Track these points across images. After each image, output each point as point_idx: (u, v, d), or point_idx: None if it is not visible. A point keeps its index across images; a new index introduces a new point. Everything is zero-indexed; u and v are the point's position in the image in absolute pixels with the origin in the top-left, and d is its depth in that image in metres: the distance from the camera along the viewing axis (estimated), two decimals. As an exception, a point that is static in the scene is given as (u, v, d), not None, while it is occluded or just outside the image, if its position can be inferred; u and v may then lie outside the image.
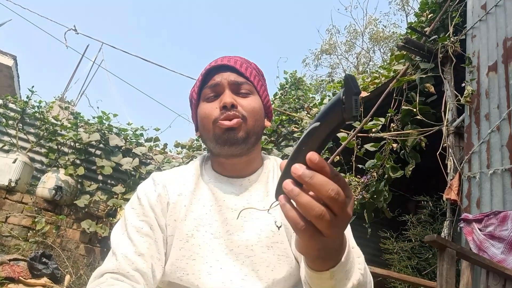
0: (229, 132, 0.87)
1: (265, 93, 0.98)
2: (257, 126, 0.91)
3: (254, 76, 0.94)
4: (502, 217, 2.43)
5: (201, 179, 0.95)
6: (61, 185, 4.77)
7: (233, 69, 0.92)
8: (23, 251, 4.26)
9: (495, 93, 2.91)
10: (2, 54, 7.91)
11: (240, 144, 0.88)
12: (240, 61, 0.94)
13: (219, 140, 0.88)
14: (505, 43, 2.97)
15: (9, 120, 5.01)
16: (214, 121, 0.88)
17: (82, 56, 7.95)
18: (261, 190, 0.93)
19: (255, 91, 0.94)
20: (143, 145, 5.73)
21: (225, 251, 0.85)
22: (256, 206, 0.88)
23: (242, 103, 0.89)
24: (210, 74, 0.93)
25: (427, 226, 3.76)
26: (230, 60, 0.93)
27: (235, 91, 0.91)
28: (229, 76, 0.91)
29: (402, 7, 14.88)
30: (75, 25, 5.97)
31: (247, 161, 0.94)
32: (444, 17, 3.61)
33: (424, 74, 3.43)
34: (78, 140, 5.16)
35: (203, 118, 0.91)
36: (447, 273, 1.99)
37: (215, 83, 0.90)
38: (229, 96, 0.88)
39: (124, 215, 0.90)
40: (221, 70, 0.92)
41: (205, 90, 0.92)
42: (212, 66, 0.92)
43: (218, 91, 0.91)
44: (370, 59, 15.44)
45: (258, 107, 0.92)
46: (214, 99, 0.91)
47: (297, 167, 0.46)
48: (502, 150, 2.70)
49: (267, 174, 0.96)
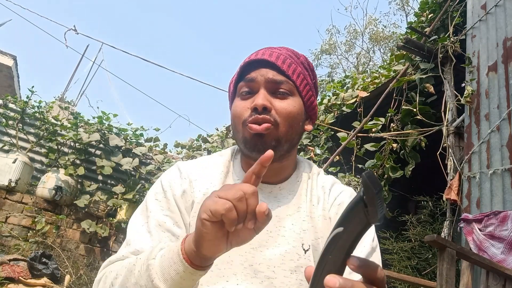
0: (257, 138, 0.79)
1: (309, 93, 0.87)
2: (291, 133, 0.82)
3: (297, 74, 0.84)
4: (502, 217, 2.43)
5: (229, 178, 0.87)
6: (61, 185, 4.77)
7: (273, 66, 0.82)
8: (23, 251, 4.26)
9: (495, 93, 2.91)
10: (2, 54, 7.91)
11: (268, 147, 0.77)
12: (284, 56, 0.84)
13: (247, 145, 0.80)
14: (505, 43, 2.97)
15: (9, 120, 5.01)
16: (243, 123, 0.81)
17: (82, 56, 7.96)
18: (292, 202, 0.85)
19: (295, 92, 0.84)
20: (143, 145, 5.73)
21: (244, 265, 0.78)
22: (285, 220, 0.82)
23: (277, 106, 0.80)
24: (248, 68, 0.84)
25: (427, 226, 3.76)
26: (272, 54, 0.83)
27: (271, 90, 0.82)
28: (267, 73, 0.81)
29: (402, 7, 14.89)
30: (75, 25, 5.99)
31: (279, 168, 0.86)
32: (444, 17, 3.61)
33: (424, 74, 3.44)
34: (78, 140, 5.16)
35: (234, 116, 0.84)
36: (447, 273, 1.99)
37: (250, 78, 0.82)
38: (263, 97, 0.79)
39: (146, 205, 0.83)
40: (260, 65, 0.83)
41: (240, 84, 0.84)
42: (252, 60, 0.83)
43: (253, 88, 0.82)
44: (370, 59, 15.45)
45: (295, 111, 0.82)
46: (248, 96, 0.83)
47: (332, 279, 0.42)
48: (502, 150, 2.70)
49: (300, 184, 0.88)
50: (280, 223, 0.81)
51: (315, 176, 0.90)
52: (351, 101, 4.35)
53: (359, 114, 4.08)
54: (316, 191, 0.87)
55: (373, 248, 0.81)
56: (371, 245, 0.81)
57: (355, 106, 4.28)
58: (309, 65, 0.90)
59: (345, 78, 5.65)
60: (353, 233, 0.42)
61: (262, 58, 0.82)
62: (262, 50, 0.85)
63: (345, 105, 4.42)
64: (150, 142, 5.88)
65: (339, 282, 0.42)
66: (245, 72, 0.84)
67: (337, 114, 4.48)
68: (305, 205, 0.84)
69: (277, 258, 0.79)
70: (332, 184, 0.90)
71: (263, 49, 0.86)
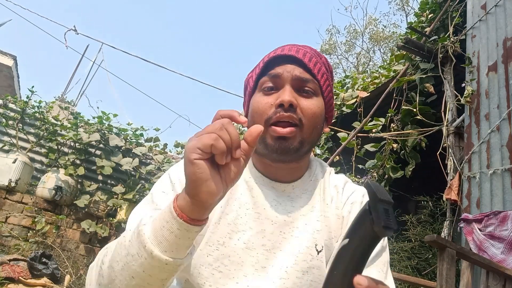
0: (281, 141, 0.76)
1: (330, 94, 0.85)
2: (314, 134, 0.80)
3: (322, 74, 0.81)
4: (502, 217, 2.43)
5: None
6: (61, 185, 4.77)
7: (300, 63, 0.79)
8: (23, 251, 4.26)
9: (495, 93, 2.91)
10: (2, 54, 7.90)
11: (292, 154, 0.77)
12: (310, 54, 0.81)
13: (268, 146, 0.77)
14: (505, 43, 2.97)
15: (9, 120, 5.01)
16: (266, 121, 0.76)
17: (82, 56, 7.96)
18: (306, 202, 0.83)
19: (319, 92, 0.81)
20: (143, 145, 5.73)
21: (255, 267, 0.76)
22: (299, 220, 0.80)
23: (302, 105, 0.77)
24: (272, 63, 0.80)
25: (427, 226, 3.76)
26: (299, 51, 0.80)
27: (297, 88, 0.78)
28: (294, 70, 0.78)
29: (402, 7, 14.89)
30: (75, 25, 5.99)
31: (295, 167, 0.83)
32: (444, 17, 3.61)
33: (424, 74, 3.44)
34: (78, 140, 5.16)
35: (255, 112, 0.79)
36: (447, 273, 1.99)
37: (276, 73, 0.78)
38: (289, 93, 0.76)
39: (151, 198, 0.78)
40: (287, 61, 0.79)
41: (264, 79, 0.80)
42: (277, 55, 0.80)
43: (277, 84, 0.78)
44: (370, 59, 15.45)
45: (319, 112, 0.80)
46: (271, 92, 0.79)
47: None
48: (502, 150, 2.70)
49: (314, 183, 0.86)
50: (294, 224, 0.80)
51: (327, 175, 0.88)
52: (351, 101, 4.35)
53: (359, 114, 4.08)
54: (329, 190, 0.85)
55: (383, 247, 0.79)
56: (380, 244, 0.78)
57: (355, 106, 4.28)
58: (329, 66, 0.87)
59: (345, 78, 5.65)
60: (360, 246, 0.39)
61: (289, 54, 0.79)
62: (288, 46, 0.82)
63: (345, 105, 4.42)
64: (150, 142, 5.88)
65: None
66: (270, 67, 0.80)
67: (337, 114, 4.48)
68: (318, 204, 0.83)
69: (290, 260, 0.77)
70: (344, 183, 0.88)
71: (289, 45, 0.83)
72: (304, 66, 0.79)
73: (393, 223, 0.36)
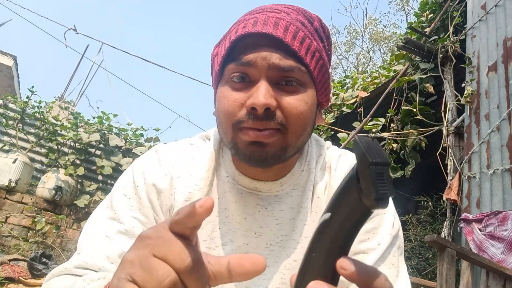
0: (255, 147, 0.58)
1: (325, 76, 0.63)
2: (303, 136, 0.61)
3: (312, 52, 0.59)
4: (502, 217, 2.43)
5: (219, 176, 0.68)
6: (61, 185, 4.77)
7: (280, 43, 0.57)
8: (23, 251, 4.26)
9: (495, 93, 2.91)
10: (2, 54, 7.91)
11: (270, 162, 0.59)
12: (295, 26, 0.58)
13: (240, 153, 0.59)
14: (505, 43, 2.97)
15: (9, 120, 5.01)
16: (235, 124, 0.58)
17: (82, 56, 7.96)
18: (296, 201, 0.67)
19: (308, 80, 0.60)
20: (143, 145, 5.73)
21: (239, 287, 0.64)
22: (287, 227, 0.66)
23: (284, 104, 0.57)
24: (242, 42, 0.58)
25: (427, 226, 3.76)
26: (278, 24, 0.57)
27: (276, 80, 0.58)
28: (271, 57, 0.56)
29: (402, 7, 14.90)
30: (75, 25, 5.98)
31: (280, 168, 0.65)
32: (444, 17, 3.61)
33: (424, 74, 3.44)
34: (78, 140, 5.17)
35: (220, 111, 0.60)
36: (447, 273, 1.99)
37: (246, 61, 0.57)
38: (265, 92, 0.55)
39: (111, 200, 0.64)
40: (261, 41, 0.57)
41: (231, 66, 0.59)
42: (247, 32, 0.57)
43: (250, 75, 0.58)
44: (370, 59, 15.46)
45: (308, 109, 0.59)
46: (241, 86, 0.59)
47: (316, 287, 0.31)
48: (502, 150, 2.70)
49: (306, 173, 0.68)
50: (281, 231, 0.66)
51: (321, 158, 0.70)
52: (351, 101, 4.35)
53: (359, 114, 4.08)
54: (324, 177, 0.69)
55: (395, 236, 0.65)
56: (390, 234, 0.64)
57: (355, 106, 4.28)
58: (325, 31, 0.65)
59: (345, 78, 5.65)
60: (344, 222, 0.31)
61: (263, 32, 0.56)
62: (263, 16, 0.58)
63: (345, 105, 4.42)
64: (150, 142, 5.88)
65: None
66: (239, 49, 0.58)
67: (337, 114, 4.48)
68: (308, 202, 0.66)
69: (276, 278, 0.64)
70: (337, 160, 0.70)
71: (265, 11, 0.60)
72: (286, 47, 0.57)
73: (388, 190, 0.28)
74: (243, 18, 0.61)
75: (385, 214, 0.66)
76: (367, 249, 0.62)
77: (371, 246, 0.62)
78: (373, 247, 0.62)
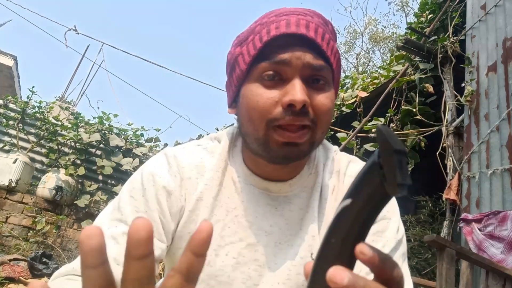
0: (289, 147, 0.60)
1: (339, 71, 0.67)
2: (326, 131, 0.65)
3: (335, 54, 0.63)
4: (502, 217, 2.44)
5: (227, 177, 0.70)
6: (62, 185, 4.78)
7: (312, 44, 0.60)
8: (24, 251, 4.27)
9: (495, 93, 2.92)
10: (2, 54, 7.91)
11: (301, 159, 0.64)
12: (322, 29, 0.61)
13: (271, 152, 0.61)
14: (504, 43, 2.98)
15: (10, 120, 5.02)
16: (269, 122, 0.60)
17: (83, 56, 7.96)
18: (304, 202, 0.70)
19: (331, 79, 0.64)
20: (143, 145, 5.74)
21: (247, 284, 0.66)
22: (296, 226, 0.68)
23: (315, 101, 0.60)
24: (275, 42, 0.60)
25: (427, 226, 3.77)
26: (309, 26, 0.60)
27: (307, 78, 0.61)
28: (305, 56, 0.59)
29: (401, 7, 14.90)
30: (75, 25, 5.99)
31: (296, 165, 0.68)
32: (444, 17, 3.61)
33: (423, 74, 3.44)
34: (78, 140, 5.17)
35: (253, 109, 0.61)
36: (447, 273, 2.00)
37: (282, 60, 0.59)
38: (301, 89, 0.58)
39: (118, 201, 0.66)
40: (295, 41, 0.60)
41: (263, 65, 0.60)
42: (283, 33, 0.59)
43: (282, 73, 0.60)
44: (370, 59, 15.46)
45: (332, 106, 0.63)
46: (273, 84, 0.60)
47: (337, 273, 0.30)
48: (502, 150, 2.70)
49: (314, 176, 0.71)
50: (290, 231, 0.68)
51: (329, 162, 0.73)
52: (351, 101, 4.36)
53: (358, 114, 4.08)
54: (332, 180, 0.71)
55: (399, 241, 0.67)
56: (395, 238, 0.66)
57: (354, 106, 4.29)
58: (334, 32, 0.68)
59: (345, 78, 5.66)
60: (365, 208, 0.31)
61: (298, 33, 0.59)
62: (294, 18, 0.60)
63: (344, 105, 4.42)
64: (151, 142, 5.89)
65: (347, 277, 0.30)
66: (271, 49, 0.60)
67: (337, 114, 4.49)
68: (316, 202, 0.69)
69: (283, 274, 0.66)
70: (347, 165, 0.73)
71: (294, 15, 0.62)
72: (317, 48, 0.60)
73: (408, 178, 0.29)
74: (271, 20, 0.62)
75: (391, 219, 0.69)
76: None
77: None
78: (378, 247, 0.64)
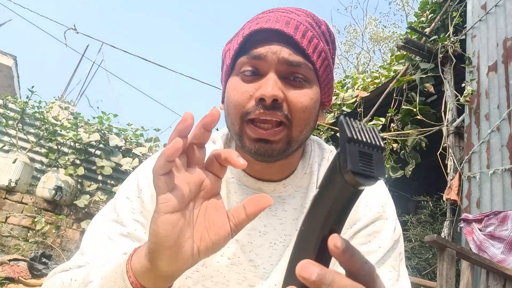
0: (261, 143, 0.61)
1: (329, 76, 0.66)
2: (306, 131, 0.64)
3: (319, 52, 0.63)
4: (502, 217, 2.43)
5: None
6: (61, 185, 4.77)
7: (289, 40, 0.60)
8: (23, 251, 4.26)
9: (495, 93, 2.91)
10: (2, 54, 7.91)
11: (275, 156, 0.62)
12: (305, 26, 0.62)
13: (245, 148, 0.62)
14: (505, 43, 2.97)
15: (9, 120, 5.01)
16: (243, 116, 0.61)
17: (82, 56, 7.95)
18: (299, 202, 0.69)
19: (313, 78, 0.63)
20: (143, 145, 5.73)
21: (243, 285, 0.66)
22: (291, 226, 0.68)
23: (290, 97, 0.60)
24: (254, 37, 0.62)
25: (427, 226, 3.76)
26: (289, 23, 0.61)
27: (284, 74, 0.61)
28: (281, 51, 0.60)
29: (402, 7, 14.90)
30: (75, 25, 5.97)
31: (284, 164, 0.68)
32: (444, 17, 3.61)
33: (424, 74, 3.44)
34: (78, 140, 5.17)
35: (230, 102, 0.63)
36: (447, 273, 1.99)
37: (257, 54, 0.60)
38: (273, 84, 0.58)
39: (114, 203, 0.67)
40: (272, 36, 0.61)
41: (242, 59, 0.62)
42: (260, 28, 0.61)
43: (259, 68, 0.61)
44: (370, 59, 15.46)
45: (312, 104, 0.62)
46: (251, 78, 0.62)
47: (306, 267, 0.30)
48: (502, 150, 2.70)
49: (308, 176, 0.71)
50: (285, 231, 0.68)
51: (325, 162, 0.73)
52: (351, 101, 4.35)
53: (359, 114, 4.08)
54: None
55: (395, 241, 0.67)
56: (392, 238, 0.66)
57: (355, 106, 4.28)
58: (331, 36, 0.68)
59: (345, 78, 5.65)
60: (330, 197, 0.31)
61: (275, 28, 0.60)
62: (276, 14, 0.62)
63: (345, 105, 4.42)
64: (150, 142, 5.88)
65: (316, 272, 0.29)
66: (251, 44, 0.62)
67: (337, 114, 4.48)
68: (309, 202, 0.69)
69: (279, 274, 0.66)
70: None
71: (277, 11, 0.64)
72: (295, 44, 0.60)
73: (375, 171, 0.28)
74: (257, 17, 0.65)
75: (387, 219, 0.68)
76: (368, 251, 0.64)
77: (371, 249, 0.64)
78: (374, 250, 0.64)
